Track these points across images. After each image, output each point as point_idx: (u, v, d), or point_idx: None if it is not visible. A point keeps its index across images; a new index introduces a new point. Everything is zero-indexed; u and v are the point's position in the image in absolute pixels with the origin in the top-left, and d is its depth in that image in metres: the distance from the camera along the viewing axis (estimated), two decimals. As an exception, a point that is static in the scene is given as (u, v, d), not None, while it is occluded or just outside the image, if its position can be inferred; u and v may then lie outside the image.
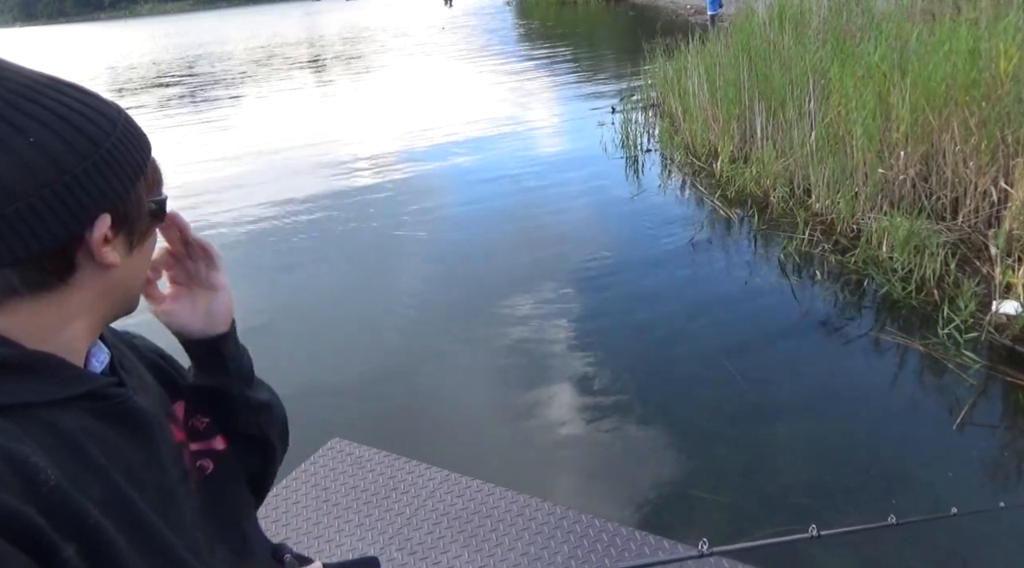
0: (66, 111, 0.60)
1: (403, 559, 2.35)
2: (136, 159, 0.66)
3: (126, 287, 0.70)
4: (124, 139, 0.65)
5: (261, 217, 6.83)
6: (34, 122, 0.58)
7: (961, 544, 2.36)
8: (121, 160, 0.64)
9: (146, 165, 0.68)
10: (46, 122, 0.59)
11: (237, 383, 0.87)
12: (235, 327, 0.88)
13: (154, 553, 0.64)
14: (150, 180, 0.69)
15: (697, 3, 21.72)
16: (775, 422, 3.12)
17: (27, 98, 0.59)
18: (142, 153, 0.67)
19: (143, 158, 0.68)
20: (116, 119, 0.65)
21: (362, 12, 56.83)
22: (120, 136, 0.64)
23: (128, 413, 0.69)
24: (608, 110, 9.66)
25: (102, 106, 0.64)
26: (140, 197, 0.67)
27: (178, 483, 0.73)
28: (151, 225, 0.71)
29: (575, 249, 5.31)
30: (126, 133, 0.65)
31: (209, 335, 0.85)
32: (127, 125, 0.66)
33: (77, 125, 0.61)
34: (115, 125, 0.64)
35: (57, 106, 0.60)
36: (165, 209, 0.72)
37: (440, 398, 3.57)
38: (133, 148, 0.66)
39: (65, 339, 0.65)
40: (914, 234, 4.20)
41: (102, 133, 0.62)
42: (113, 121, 0.64)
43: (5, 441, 0.55)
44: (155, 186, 0.71)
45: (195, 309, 0.84)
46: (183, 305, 0.84)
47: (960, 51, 4.60)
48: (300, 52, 26.83)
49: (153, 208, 0.70)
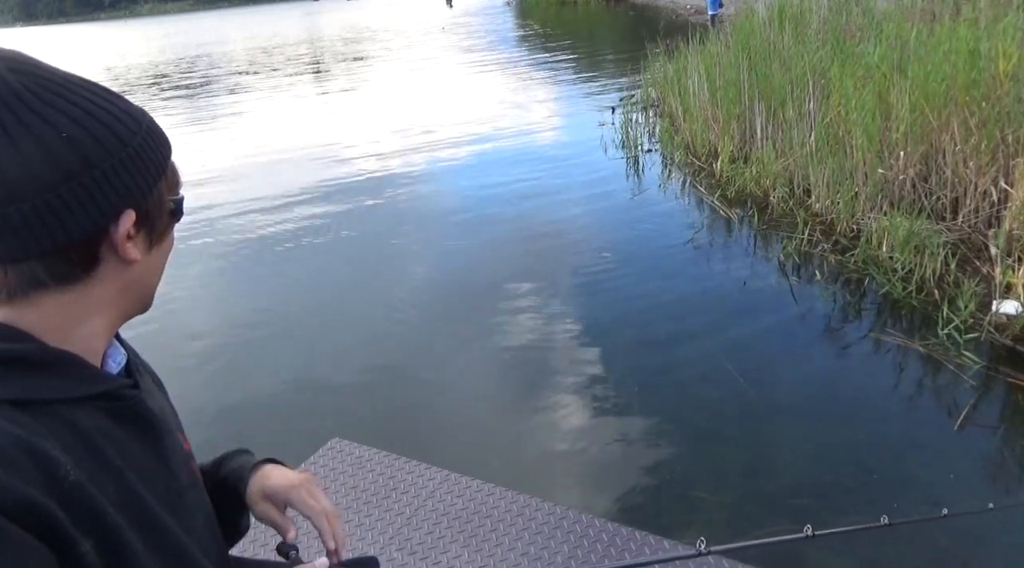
0: (96, 110, 0.63)
1: (403, 559, 2.35)
2: (159, 158, 0.68)
3: (144, 284, 0.72)
4: (149, 139, 0.67)
5: (261, 218, 6.83)
6: (66, 118, 0.60)
7: (957, 544, 2.36)
8: (146, 158, 0.66)
9: (167, 165, 0.70)
10: (77, 119, 0.61)
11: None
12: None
13: (168, 553, 0.65)
14: (170, 180, 0.71)
15: (697, 3, 21.72)
16: (775, 422, 3.12)
17: (61, 96, 0.61)
18: (164, 153, 0.70)
19: (165, 158, 0.70)
20: (141, 120, 0.67)
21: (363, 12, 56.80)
22: (145, 136, 0.67)
23: (141, 415, 0.70)
24: (608, 110, 9.66)
25: (129, 107, 0.67)
26: (162, 196, 0.70)
27: (187, 488, 0.73)
28: (170, 224, 0.73)
29: (574, 249, 5.31)
30: (150, 133, 0.68)
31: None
32: (151, 126, 0.68)
33: (106, 123, 0.63)
34: (140, 125, 0.67)
35: (88, 105, 0.62)
36: (182, 208, 0.74)
37: (440, 398, 3.57)
38: (157, 148, 0.68)
39: (84, 336, 0.66)
40: (914, 234, 4.20)
41: (129, 132, 0.65)
42: (139, 121, 0.67)
43: (28, 435, 0.56)
44: (174, 186, 0.73)
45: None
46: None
47: (960, 51, 4.60)
48: (300, 52, 26.83)
49: (172, 207, 0.72)
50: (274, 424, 3.46)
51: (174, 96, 17.23)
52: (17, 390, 0.59)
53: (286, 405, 3.61)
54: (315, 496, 0.87)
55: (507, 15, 36.61)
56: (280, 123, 12.25)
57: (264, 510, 0.86)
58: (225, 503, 0.87)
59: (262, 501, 0.87)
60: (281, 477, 0.89)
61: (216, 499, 0.85)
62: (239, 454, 0.96)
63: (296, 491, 0.86)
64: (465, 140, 9.30)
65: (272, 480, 0.89)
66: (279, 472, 0.90)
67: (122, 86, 20.39)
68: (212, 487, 0.87)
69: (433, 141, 9.42)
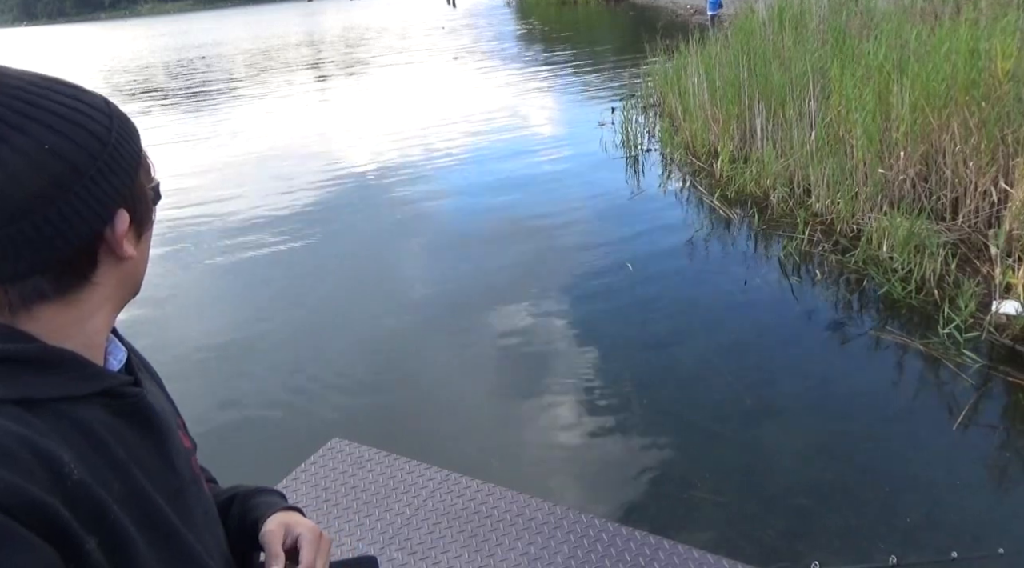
0: (68, 112, 0.61)
1: (403, 559, 2.35)
2: (133, 149, 0.67)
3: (136, 274, 0.72)
4: (121, 131, 0.66)
5: (261, 218, 6.84)
6: (42, 127, 0.59)
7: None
8: (124, 152, 0.65)
9: (141, 152, 0.69)
10: (53, 126, 0.59)
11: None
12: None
13: (170, 549, 0.66)
14: (145, 166, 0.70)
15: (697, 3, 21.73)
16: (775, 422, 3.12)
17: (29, 103, 0.59)
18: (137, 141, 0.68)
19: (138, 146, 0.68)
20: (109, 112, 0.66)
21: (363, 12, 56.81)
22: (118, 129, 0.65)
23: (142, 412, 0.70)
24: (608, 110, 9.66)
25: (92, 99, 0.65)
26: (142, 185, 0.69)
27: (189, 484, 0.73)
28: (151, 210, 0.72)
29: (574, 249, 5.31)
30: (121, 125, 0.66)
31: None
32: (119, 116, 0.67)
33: (82, 125, 0.61)
34: (111, 118, 0.65)
35: (58, 107, 0.61)
36: (160, 192, 0.73)
37: (440, 398, 3.57)
38: (130, 138, 0.67)
39: (86, 334, 0.66)
40: (914, 234, 4.20)
41: (104, 130, 0.63)
42: (108, 114, 0.65)
43: (31, 434, 0.56)
44: (149, 171, 0.71)
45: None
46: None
47: (960, 51, 4.60)
48: (301, 53, 26.84)
49: (152, 193, 0.71)
50: (274, 424, 3.47)
51: (174, 96, 17.23)
52: (20, 389, 0.59)
53: (286, 405, 3.62)
54: (322, 553, 0.84)
55: (507, 15, 36.61)
56: (279, 124, 12.25)
57: (271, 532, 0.83)
58: (241, 535, 0.87)
59: (275, 527, 0.85)
60: (308, 522, 0.87)
61: (233, 527, 0.85)
62: (272, 493, 0.95)
63: (313, 533, 0.84)
64: (465, 140, 9.30)
65: (298, 517, 0.88)
66: (310, 521, 0.89)
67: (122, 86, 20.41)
68: (240, 512, 0.87)
69: (433, 141, 9.42)
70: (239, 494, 0.91)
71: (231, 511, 0.89)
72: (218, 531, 0.80)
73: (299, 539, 0.83)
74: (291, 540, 0.83)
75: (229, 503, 0.90)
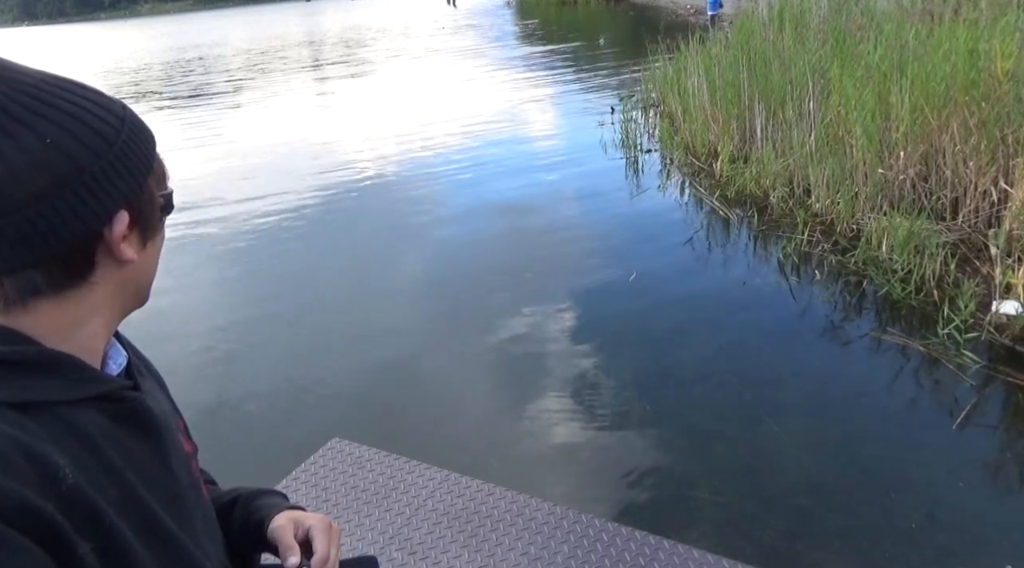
0: (77, 110, 0.61)
1: (403, 559, 2.35)
2: (145, 154, 0.67)
3: (140, 281, 0.71)
4: (133, 135, 0.66)
5: (261, 218, 6.83)
6: (48, 123, 0.59)
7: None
8: (132, 156, 0.65)
9: (154, 159, 0.69)
10: (59, 123, 0.60)
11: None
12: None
13: (167, 554, 0.65)
14: (158, 174, 0.70)
15: (697, 3, 21.72)
16: (775, 422, 3.12)
17: (39, 99, 0.59)
18: (150, 148, 0.68)
19: (151, 153, 0.69)
20: (123, 115, 0.66)
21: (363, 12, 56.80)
22: (129, 132, 0.65)
23: (141, 416, 0.69)
24: (608, 110, 9.66)
25: (107, 102, 0.65)
26: (151, 192, 0.68)
27: (187, 489, 0.73)
28: (161, 218, 0.72)
29: (574, 249, 5.31)
30: (134, 129, 0.66)
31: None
32: (133, 121, 0.67)
33: (89, 124, 0.61)
34: (123, 121, 0.65)
35: (68, 105, 0.61)
36: (172, 202, 0.73)
37: (440, 398, 3.57)
38: (142, 143, 0.67)
39: (84, 337, 0.66)
40: (914, 234, 4.20)
41: (113, 130, 0.63)
42: (121, 117, 0.65)
43: (27, 438, 0.56)
44: (162, 179, 0.72)
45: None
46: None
47: (959, 51, 4.60)
48: (301, 53, 26.83)
49: (162, 202, 0.71)
50: (274, 424, 3.46)
51: (174, 96, 17.23)
52: (16, 392, 0.59)
53: (286, 405, 3.61)
54: (334, 544, 0.83)
55: (507, 15, 36.61)
56: (279, 124, 12.24)
57: (281, 527, 0.83)
58: (245, 536, 0.86)
59: (285, 521, 0.85)
60: (317, 514, 0.87)
61: (236, 529, 0.85)
62: (275, 494, 0.94)
63: (323, 524, 0.84)
64: (464, 139, 9.30)
65: (305, 512, 0.87)
66: (318, 513, 0.89)
67: (122, 86, 20.41)
68: (243, 514, 0.87)
69: (433, 140, 9.42)
70: (241, 497, 0.91)
71: (234, 514, 0.88)
72: (217, 536, 0.80)
73: (311, 530, 0.82)
74: (302, 533, 0.83)
75: (231, 506, 0.89)
